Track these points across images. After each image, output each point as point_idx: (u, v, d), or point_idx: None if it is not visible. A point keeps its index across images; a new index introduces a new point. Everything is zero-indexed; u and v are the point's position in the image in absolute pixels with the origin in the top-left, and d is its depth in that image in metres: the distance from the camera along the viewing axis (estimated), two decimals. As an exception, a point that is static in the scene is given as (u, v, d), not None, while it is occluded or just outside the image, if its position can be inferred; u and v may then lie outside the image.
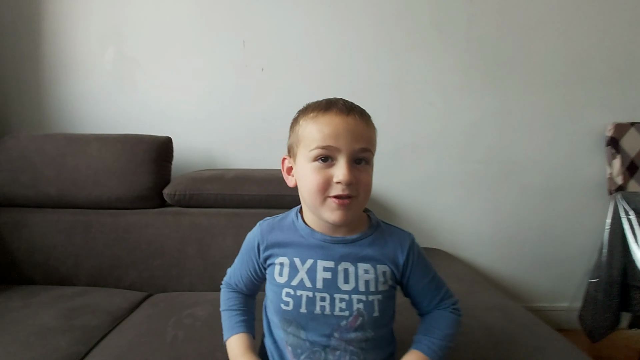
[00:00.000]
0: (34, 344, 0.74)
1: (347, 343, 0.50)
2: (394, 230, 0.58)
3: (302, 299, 0.50)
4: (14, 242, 1.10)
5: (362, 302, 0.50)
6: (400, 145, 1.49)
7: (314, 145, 0.48)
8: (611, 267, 1.15)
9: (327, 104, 0.50)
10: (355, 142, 0.48)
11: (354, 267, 0.52)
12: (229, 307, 0.60)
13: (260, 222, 0.59)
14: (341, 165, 0.48)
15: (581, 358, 0.73)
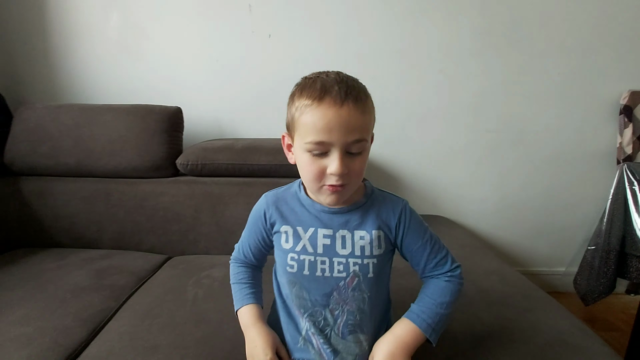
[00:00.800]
0: (70, 301, 0.83)
1: (344, 303, 0.56)
2: (387, 196, 0.60)
3: (305, 262, 0.56)
4: (40, 209, 1.18)
5: (358, 264, 0.55)
6: (409, 113, 1.48)
7: (308, 139, 0.49)
8: (610, 235, 1.18)
9: (321, 90, 0.48)
10: (348, 134, 0.49)
11: (351, 233, 0.56)
12: (238, 281, 0.65)
13: (266, 194, 0.63)
14: (334, 158, 0.49)
15: (568, 318, 0.79)
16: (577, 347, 0.70)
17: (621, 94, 1.47)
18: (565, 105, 1.49)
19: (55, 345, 0.70)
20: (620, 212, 1.16)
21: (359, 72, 0.53)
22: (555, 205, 1.56)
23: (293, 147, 0.55)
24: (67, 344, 0.71)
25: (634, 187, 1.12)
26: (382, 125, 1.45)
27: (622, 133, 1.49)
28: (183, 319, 0.77)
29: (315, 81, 0.50)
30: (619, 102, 1.48)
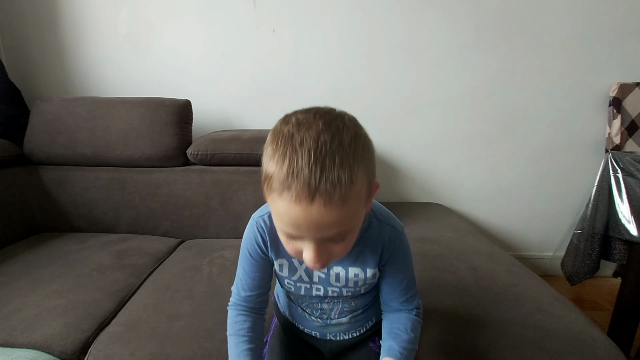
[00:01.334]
0: (97, 277, 0.91)
1: (338, 301, 0.60)
2: (384, 227, 0.55)
3: (301, 288, 0.58)
4: (60, 197, 1.25)
5: (351, 291, 0.57)
6: (407, 105, 1.55)
7: (278, 224, 0.44)
8: (595, 220, 1.26)
9: (288, 174, 0.38)
10: (322, 231, 0.41)
11: (345, 270, 0.55)
12: (235, 332, 0.58)
13: (256, 220, 0.56)
14: (308, 249, 0.43)
15: (549, 292, 0.87)
16: (555, 315, 0.78)
17: (610, 87, 1.54)
18: (558, 97, 1.56)
19: (88, 315, 0.78)
20: (605, 198, 1.24)
21: (360, 66, 0.57)
22: (547, 192, 1.63)
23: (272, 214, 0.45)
24: (98, 313, 0.79)
25: (618, 174, 1.20)
26: (381, 116, 1.54)
27: (610, 124, 1.56)
28: (201, 292, 0.85)
29: (286, 152, 0.39)
30: (608, 94, 1.55)
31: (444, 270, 0.95)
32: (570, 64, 1.52)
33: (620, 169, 1.19)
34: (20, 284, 0.87)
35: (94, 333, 0.74)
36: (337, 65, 1.49)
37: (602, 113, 1.57)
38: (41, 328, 0.73)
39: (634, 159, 1.14)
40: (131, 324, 0.75)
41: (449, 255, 1.04)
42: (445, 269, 0.95)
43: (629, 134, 1.57)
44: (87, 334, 0.74)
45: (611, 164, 1.22)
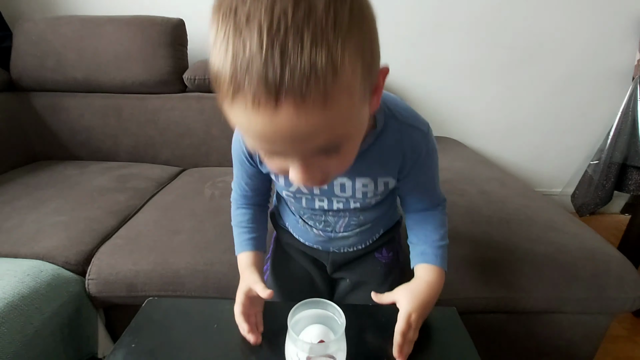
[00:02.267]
0: (97, 198, 0.90)
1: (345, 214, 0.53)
2: (405, 129, 0.45)
3: (302, 200, 0.51)
4: (55, 124, 1.20)
5: (359, 202, 0.50)
6: (420, 29, 1.41)
7: (246, 141, 0.32)
8: (614, 149, 1.19)
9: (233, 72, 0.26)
10: (302, 144, 0.29)
11: (352, 181, 0.47)
12: (237, 223, 0.57)
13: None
14: (293, 168, 0.32)
15: (561, 212, 0.84)
16: (569, 232, 0.76)
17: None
18: (586, 20, 1.40)
19: (90, 230, 0.77)
20: (628, 127, 1.17)
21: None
22: (564, 126, 1.55)
23: None
24: (99, 229, 0.78)
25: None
26: (390, 40, 1.40)
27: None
28: (202, 211, 0.83)
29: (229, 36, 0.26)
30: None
31: (453, 194, 0.91)
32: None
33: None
34: (21, 203, 0.85)
35: (97, 246, 0.74)
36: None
37: (632, 39, 1.42)
38: (43, 241, 0.72)
39: (668, 80, 1.04)
40: (133, 237, 0.75)
41: (458, 180, 1.00)
42: (454, 193, 0.92)
43: (661, 61, 1.44)
44: (90, 246, 0.73)
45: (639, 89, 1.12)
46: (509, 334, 0.73)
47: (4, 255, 0.70)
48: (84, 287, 0.69)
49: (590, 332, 0.73)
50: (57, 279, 0.65)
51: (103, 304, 0.71)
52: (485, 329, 0.72)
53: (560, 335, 0.72)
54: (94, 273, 0.68)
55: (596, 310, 0.68)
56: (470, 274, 0.66)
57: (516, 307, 0.67)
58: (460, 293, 0.65)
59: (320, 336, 0.38)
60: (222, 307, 0.52)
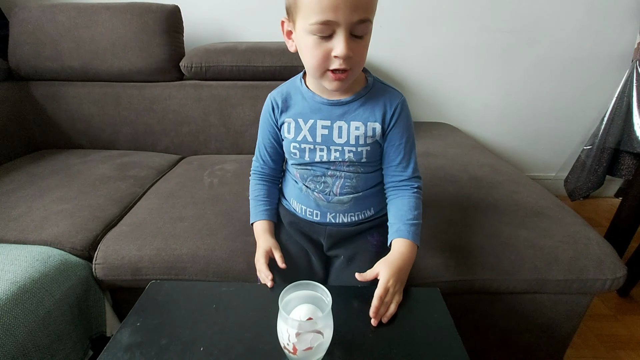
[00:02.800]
0: (100, 187, 0.93)
1: (341, 172, 0.62)
2: (387, 89, 0.61)
3: (306, 150, 0.61)
4: (55, 113, 1.22)
5: (352, 152, 0.60)
6: (419, 12, 1.40)
7: (313, 20, 0.47)
8: (608, 134, 1.21)
9: None
10: (354, 13, 0.46)
11: (347, 124, 0.59)
12: (254, 197, 0.69)
13: (270, 93, 0.65)
14: (339, 40, 0.48)
15: (549, 198, 0.87)
16: (552, 217, 0.79)
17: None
18: (584, 3, 1.39)
19: (94, 217, 0.80)
20: (623, 111, 1.18)
21: None
22: (560, 111, 1.55)
23: (294, 33, 0.53)
24: (103, 216, 0.82)
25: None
26: (389, 27, 1.40)
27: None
28: (202, 199, 0.87)
29: None
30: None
31: (444, 180, 0.94)
32: (609, -41, 1.32)
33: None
34: (26, 192, 0.89)
35: (102, 232, 0.78)
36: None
37: (632, 20, 1.41)
38: (50, 228, 0.76)
39: (663, 65, 1.05)
40: (137, 224, 0.78)
41: (451, 167, 1.02)
42: (447, 179, 0.95)
43: (661, 44, 1.43)
44: (95, 233, 0.77)
45: (636, 73, 1.13)
46: (494, 313, 0.77)
47: (13, 241, 0.74)
48: (91, 271, 0.73)
49: (571, 310, 0.77)
50: (65, 264, 0.69)
51: (110, 287, 0.76)
52: (471, 309, 0.76)
53: (542, 314, 0.76)
54: (101, 258, 0.72)
55: (576, 291, 0.72)
56: (456, 257, 0.70)
57: (499, 288, 0.71)
58: (446, 275, 0.69)
59: (308, 314, 0.42)
60: (220, 289, 0.56)
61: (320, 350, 0.42)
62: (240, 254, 0.71)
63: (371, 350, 0.46)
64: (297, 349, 0.40)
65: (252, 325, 0.50)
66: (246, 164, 1.05)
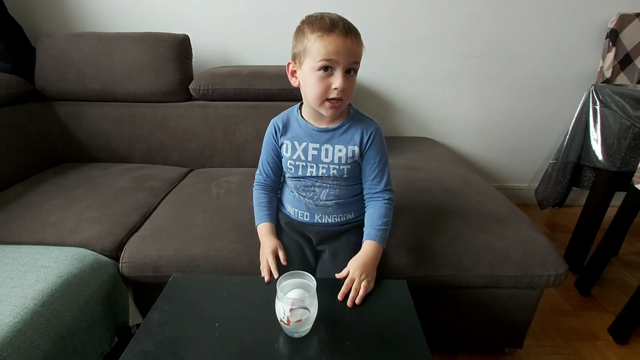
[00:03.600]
0: (121, 197, 1.06)
1: (327, 183, 0.77)
2: (365, 119, 0.76)
3: (299, 166, 0.77)
4: (77, 130, 1.36)
5: (336, 169, 0.75)
6: (403, 39, 1.56)
7: (320, 58, 0.63)
8: (570, 150, 1.35)
9: (330, 24, 0.63)
10: (350, 57, 0.64)
11: (332, 147, 0.74)
12: (258, 204, 0.83)
13: (273, 119, 0.81)
14: (338, 76, 0.64)
15: (509, 207, 1.01)
16: (508, 223, 0.93)
17: (610, 17, 1.52)
18: (554, 30, 1.55)
19: (119, 223, 0.94)
20: (582, 129, 1.32)
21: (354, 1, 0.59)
22: (532, 127, 1.71)
23: (299, 72, 0.69)
24: (127, 222, 0.95)
25: (596, 106, 1.26)
26: (377, 51, 1.57)
27: (604, 57, 1.57)
28: (211, 207, 1.00)
29: (323, 18, 0.64)
30: (606, 26, 1.54)
31: (421, 191, 1.08)
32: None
33: (599, 101, 1.25)
34: (57, 201, 1.02)
35: (126, 236, 0.91)
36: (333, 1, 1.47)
37: (596, 47, 1.58)
38: (83, 232, 0.89)
39: (612, 90, 1.20)
40: (156, 229, 0.92)
41: (428, 179, 1.17)
42: (422, 190, 1.09)
43: (621, 68, 1.59)
44: (121, 236, 0.90)
45: (592, 96, 1.28)
46: (459, 305, 0.90)
47: (52, 243, 0.87)
48: (118, 269, 0.86)
49: (524, 303, 0.90)
50: (97, 262, 0.83)
51: (133, 282, 0.89)
52: (439, 302, 0.90)
53: (500, 306, 0.90)
54: (127, 257, 0.85)
55: (526, 285, 0.85)
56: (423, 256, 0.83)
57: (462, 282, 0.84)
58: (415, 272, 0.82)
59: (299, 295, 0.55)
60: (229, 281, 0.70)
61: (308, 323, 0.56)
62: (244, 253, 0.85)
63: (347, 325, 0.60)
64: (290, 321, 0.54)
65: (255, 307, 0.63)
66: (248, 176, 1.20)
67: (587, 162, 1.31)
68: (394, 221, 0.86)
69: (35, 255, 0.80)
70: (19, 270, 0.74)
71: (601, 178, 1.27)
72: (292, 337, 0.57)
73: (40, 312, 0.66)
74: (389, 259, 0.83)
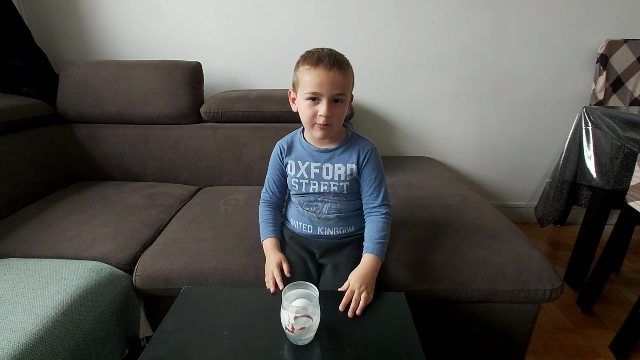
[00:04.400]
0: (135, 213, 1.12)
1: (328, 199, 0.83)
2: (361, 140, 0.83)
3: (302, 184, 0.83)
4: (93, 151, 1.44)
5: (336, 185, 0.82)
6: (403, 63, 1.65)
7: (307, 91, 0.72)
8: (565, 169, 1.40)
9: (317, 59, 0.71)
10: (333, 89, 0.71)
11: (332, 166, 0.82)
12: (264, 220, 0.89)
13: (279, 141, 0.88)
14: (323, 105, 0.72)
15: (506, 224, 1.05)
16: (504, 239, 0.96)
17: (599, 43, 1.60)
18: (548, 54, 1.63)
19: (133, 238, 0.99)
20: (576, 149, 1.37)
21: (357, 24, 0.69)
22: (531, 146, 1.76)
23: (296, 100, 0.78)
24: (140, 237, 1.00)
25: (588, 127, 1.32)
26: (377, 74, 1.66)
27: (596, 80, 1.64)
28: (220, 223, 1.06)
29: (314, 54, 0.73)
30: (596, 51, 1.62)
31: (420, 208, 1.13)
32: (561, 21, 1.57)
33: (590, 122, 1.31)
34: (75, 217, 1.08)
35: (140, 250, 0.96)
36: (336, 27, 1.57)
37: (589, 70, 1.65)
38: (99, 247, 0.95)
39: (602, 112, 1.26)
40: (167, 244, 0.97)
41: (427, 197, 1.21)
42: (422, 207, 1.13)
43: (613, 90, 1.66)
44: (135, 251, 0.95)
45: (584, 117, 1.34)
46: (457, 320, 0.93)
47: (70, 257, 0.92)
48: (131, 282, 0.91)
49: (523, 318, 0.92)
50: (112, 275, 0.87)
51: (145, 295, 0.93)
52: (437, 317, 0.93)
53: (498, 321, 0.92)
54: (140, 271, 0.90)
55: (523, 300, 0.88)
56: (422, 271, 0.87)
57: (459, 297, 0.87)
58: (413, 286, 0.86)
59: (302, 304, 0.59)
60: (237, 293, 0.74)
61: (311, 331, 0.60)
62: (251, 267, 0.89)
63: (348, 334, 0.63)
64: (294, 328, 0.58)
65: (261, 317, 0.67)
66: (255, 194, 1.25)
67: (583, 181, 1.35)
68: (394, 236, 0.91)
69: (55, 268, 0.85)
70: (41, 281, 0.79)
71: (597, 196, 1.31)
72: (296, 345, 0.60)
73: (61, 321, 0.71)
74: (389, 273, 0.86)
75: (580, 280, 1.38)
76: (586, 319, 1.27)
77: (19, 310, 0.70)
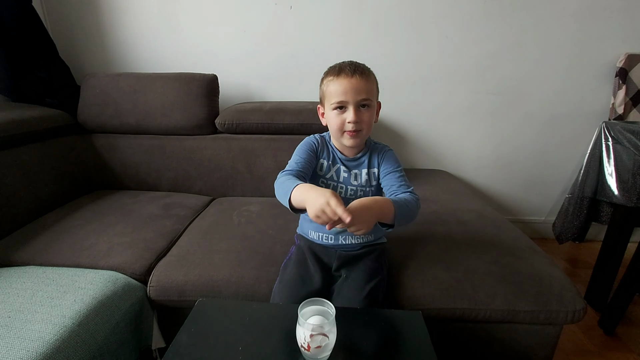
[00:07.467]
0: (150, 223, 1.13)
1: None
2: (379, 145, 0.89)
3: (330, 186, 0.86)
4: (111, 160, 1.47)
5: (363, 190, 0.86)
6: (417, 76, 1.65)
7: (333, 101, 0.77)
8: (585, 185, 1.36)
9: (339, 69, 0.76)
10: (358, 95, 0.75)
11: (359, 171, 0.86)
12: (287, 180, 0.73)
13: (312, 135, 0.89)
14: (350, 112, 0.76)
15: (525, 241, 1.02)
16: (523, 257, 0.94)
17: (618, 57, 1.58)
18: (564, 68, 1.61)
19: (148, 248, 1.00)
20: (596, 165, 1.34)
21: (372, 39, 0.72)
22: (546, 161, 1.73)
23: (325, 112, 0.82)
24: (155, 247, 1.01)
25: (609, 142, 1.29)
26: (392, 87, 1.66)
27: (615, 94, 1.61)
28: (233, 235, 1.06)
29: (335, 66, 0.78)
30: (615, 65, 1.59)
31: (435, 224, 1.11)
32: (579, 35, 1.56)
33: (611, 137, 1.28)
34: (92, 226, 1.10)
35: (155, 261, 0.97)
36: (350, 40, 1.59)
37: (607, 84, 1.62)
38: (115, 257, 0.96)
39: (623, 127, 1.23)
40: (182, 255, 0.97)
41: (442, 212, 1.20)
42: (437, 223, 1.11)
43: (633, 105, 1.62)
44: (149, 261, 0.96)
45: (604, 133, 1.31)
46: (476, 340, 0.90)
47: (87, 266, 0.93)
48: (146, 292, 0.91)
49: (543, 339, 0.89)
50: (128, 285, 0.88)
51: (158, 306, 0.93)
52: (455, 336, 0.90)
53: (517, 342, 0.89)
54: (154, 282, 0.90)
55: (544, 321, 0.85)
56: (440, 289, 0.85)
57: (477, 316, 0.85)
58: (431, 304, 0.84)
59: (319, 322, 0.58)
60: (251, 307, 0.73)
61: (327, 349, 0.59)
62: (264, 280, 0.89)
63: (365, 353, 0.62)
64: (310, 347, 0.57)
65: (276, 333, 0.66)
66: (268, 206, 1.26)
67: (604, 197, 1.32)
68: (409, 252, 0.89)
69: (72, 277, 0.86)
70: (59, 290, 0.80)
71: (619, 213, 1.27)
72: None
73: (77, 331, 0.71)
74: (405, 290, 0.85)
75: (602, 300, 1.33)
76: (609, 342, 1.21)
77: (38, 320, 0.71)
